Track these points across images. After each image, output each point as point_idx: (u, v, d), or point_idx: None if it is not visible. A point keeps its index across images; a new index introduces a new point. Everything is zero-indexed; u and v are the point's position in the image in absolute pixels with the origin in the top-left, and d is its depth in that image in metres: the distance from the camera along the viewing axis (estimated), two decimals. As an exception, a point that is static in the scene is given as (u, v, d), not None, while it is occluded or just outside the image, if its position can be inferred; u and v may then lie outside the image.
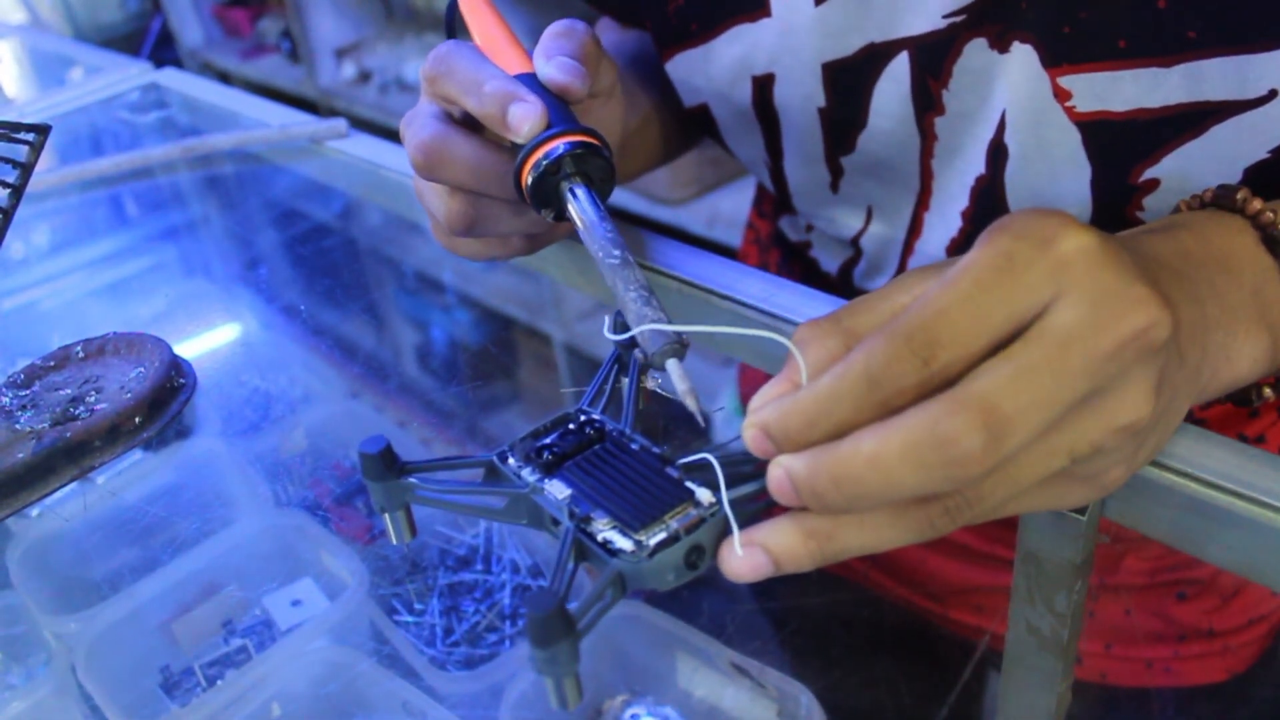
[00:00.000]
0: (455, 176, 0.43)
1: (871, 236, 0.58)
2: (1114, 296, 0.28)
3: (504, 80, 0.42)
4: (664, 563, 0.31)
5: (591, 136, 0.41)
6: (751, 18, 0.51)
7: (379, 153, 0.74)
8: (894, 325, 0.28)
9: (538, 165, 0.40)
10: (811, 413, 0.29)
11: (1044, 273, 0.28)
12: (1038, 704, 0.45)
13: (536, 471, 0.35)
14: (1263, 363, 0.37)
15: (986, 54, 0.46)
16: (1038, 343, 0.27)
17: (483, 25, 0.48)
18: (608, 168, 0.42)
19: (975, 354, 0.28)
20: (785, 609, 0.72)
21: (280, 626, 0.63)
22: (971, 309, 0.27)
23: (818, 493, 0.28)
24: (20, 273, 0.81)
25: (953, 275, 0.28)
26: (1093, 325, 0.27)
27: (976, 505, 0.29)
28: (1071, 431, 0.28)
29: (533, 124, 0.40)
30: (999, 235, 0.29)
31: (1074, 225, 0.29)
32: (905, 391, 0.28)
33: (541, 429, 0.37)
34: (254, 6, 3.17)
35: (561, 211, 0.41)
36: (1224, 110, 0.41)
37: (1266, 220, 0.38)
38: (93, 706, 0.55)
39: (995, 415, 0.26)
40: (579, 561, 0.32)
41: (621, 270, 0.37)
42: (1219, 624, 0.66)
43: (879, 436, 0.27)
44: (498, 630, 0.67)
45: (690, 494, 0.32)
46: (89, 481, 0.52)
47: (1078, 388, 0.27)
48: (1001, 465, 0.28)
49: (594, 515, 0.33)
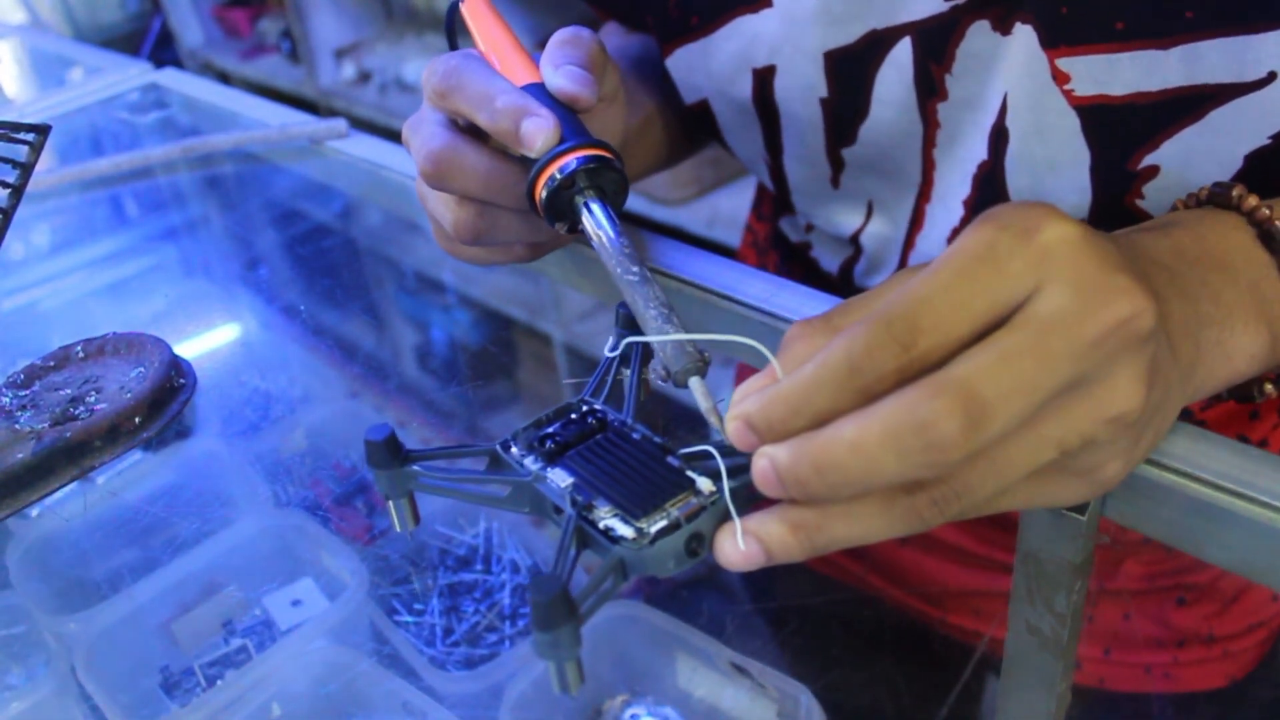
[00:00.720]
0: (465, 186, 0.43)
1: (871, 234, 0.58)
2: (1097, 285, 0.28)
3: (515, 94, 0.42)
4: (665, 550, 0.31)
5: (604, 150, 0.41)
6: (753, 8, 0.51)
7: (379, 153, 0.74)
8: (875, 312, 0.28)
9: (551, 180, 0.40)
10: (793, 401, 0.29)
11: (1027, 262, 0.28)
12: (1037, 705, 0.45)
13: (539, 460, 0.35)
14: (1261, 358, 0.37)
15: (989, 36, 0.46)
16: (1020, 330, 0.27)
17: (487, 31, 0.48)
18: (621, 180, 0.42)
19: (956, 341, 0.28)
20: (785, 609, 0.72)
21: (280, 626, 0.63)
22: (953, 296, 0.28)
23: (800, 480, 0.28)
24: (20, 273, 0.81)
25: (935, 265, 0.28)
26: (1076, 313, 0.27)
27: (965, 496, 0.29)
28: (1059, 422, 0.28)
29: (546, 138, 0.40)
30: (983, 226, 0.29)
31: (1057, 216, 0.29)
32: (885, 378, 0.28)
33: (544, 419, 0.37)
34: (254, 7, 3.17)
35: (575, 224, 0.41)
36: (1223, 94, 0.41)
37: (1262, 216, 0.38)
38: (92, 706, 0.55)
39: (975, 400, 0.26)
40: (581, 549, 0.33)
41: (641, 287, 0.37)
42: (1218, 629, 0.66)
43: (859, 422, 0.27)
44: (497, 630, 0.67)
45: (691, 483, 0.33)
46: (89, 481, 0.52)
47: (1060, 375, 0.27)
48: (985, 453, 0.28)
49: (596, 503, 0.33)
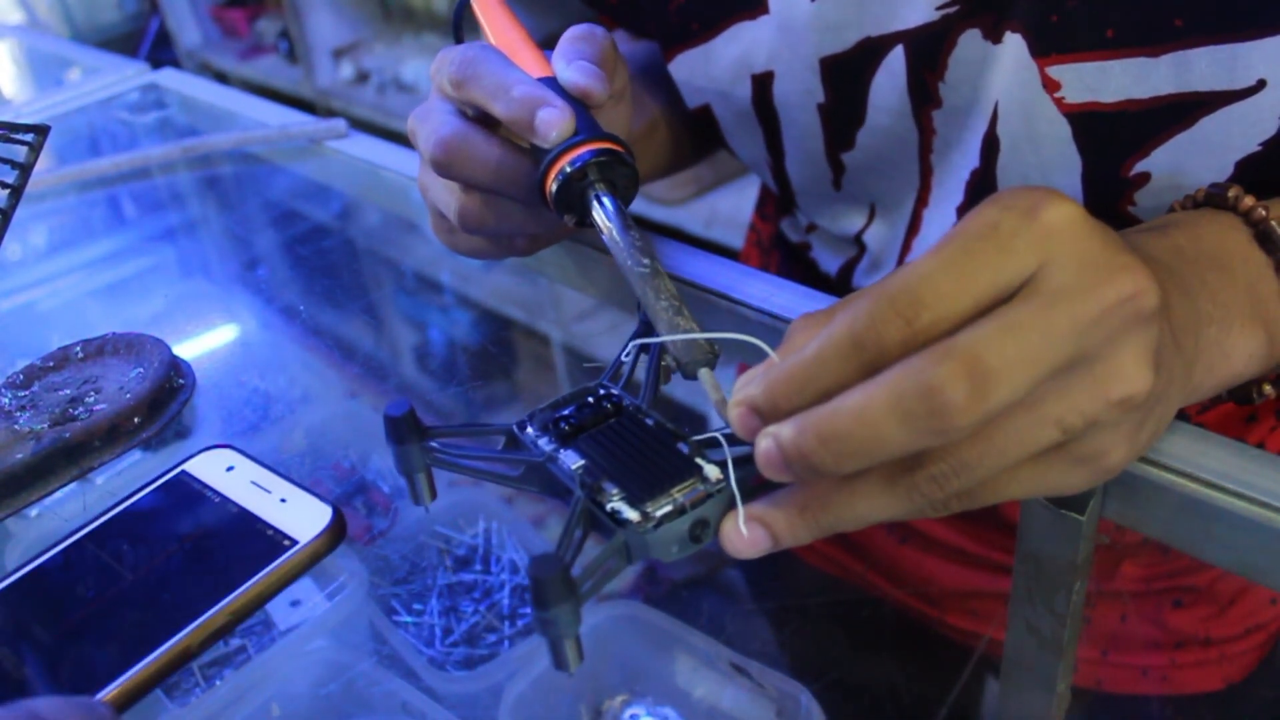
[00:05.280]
0: (473, 174, 0.43)
1: (874, 234, 0.59)
2: (1100, 262, 0.28)
3: (532, 85, 0.42)
4: (668, 534, 0.32)
5: (616, 144, 0.41)
6: (751, 15, 0.51)
7: (378, 153, 0.74)
8: (878, 287, 0.28)
9: (563, 172, 0.41)
10: (797, 379, 0.29)
11: (1030, 240, 0.28)
12: (1037, 704, 0.45)
13: (553, 441, 0.36)
14: (1258, 358, 0.37)
15: (980, 45, 0.46)
16: (1025, 303, 0.27)
17: (498, 26, 0.48)
18: (631, 175, 0.42)
19: (959, 316, 0.28)
20: (785, 609, 0.72)
21: (279, 627, 0.63)
22: (956, 272, 0.28)
23: (805, 454, 0.28)
24: (19, 273, 0.81)
25: (939, 243, 0.28)
26: (1079, 288, 0.27)
27: (964, 473, 0.28)
28: (1061, 400, 0.28)
29: (561, 129, 0.40)
30: (986, 207, 0.29)
31: (1059, 197, 0.29)
32: (889, 352, 0.28)
33: (561, 401, 0.38)
34: (252, 7, 3.17)
35: (584, 217, 0.42)
36: (1213, 101, 0.41)
37: (1259, 217, 0.38)
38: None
39: (980, 366, 0.26)
40: (587, 531, 0.33)
41: (651, 280, 0.37)
42: (1216, 632, 0.66)
43: (865, 391, 0.27)
44: (497, 630, 0.67)
45: (698, 470, 0.33)
46: (88, 482, 0.52)
47: (1065, 348, 0.27)
48: (986, 430, 0.28)
49: (604, 486, 0.33)
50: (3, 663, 0.40)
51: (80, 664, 0.40)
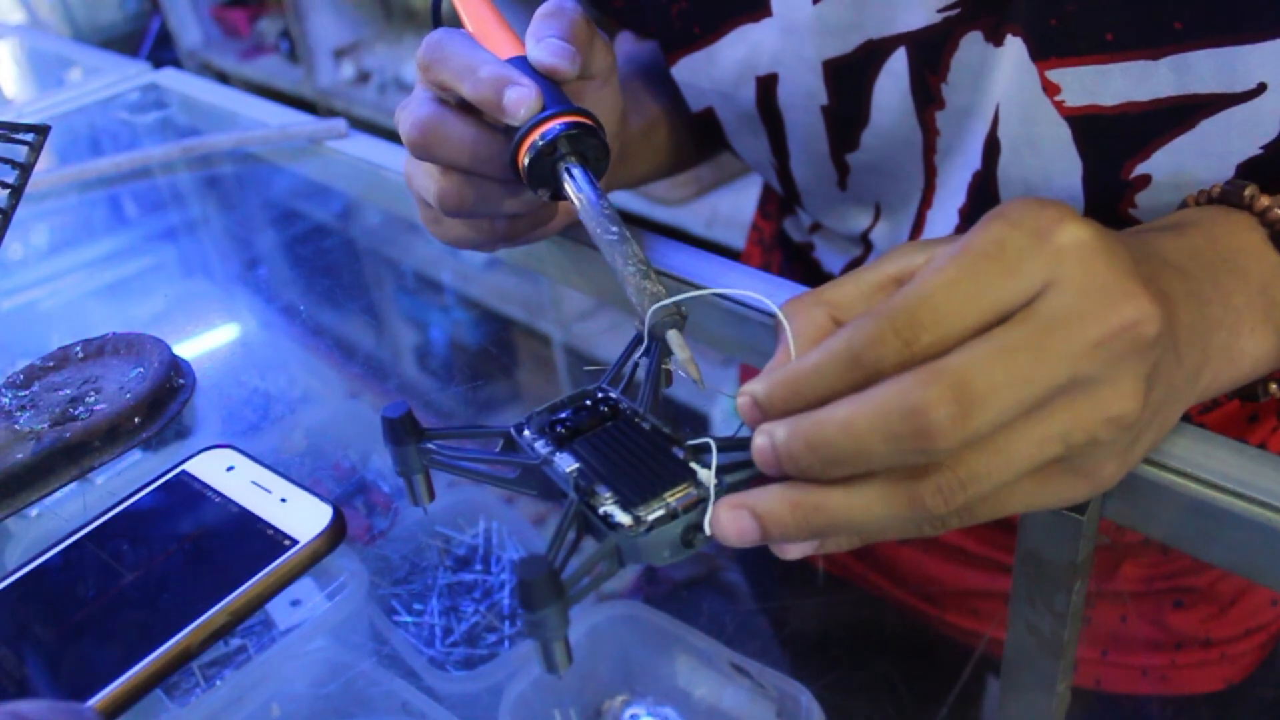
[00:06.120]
0: (449, 155, 0.43)
1: (880, 233, 0.59)
2: (1105, 288, 0.28)
3: (498, 65, 0.42)
4: (660, 539, 0.32)
5: (585, 117, 0.42)
6: (753, 18, 0.51)
7: (378, 153, 0.74)
8: (881, 307, 0.29)
9: (534, 146, 0.41)
10: (796, 384, 0.30)
11: (1037, 263, 0.28)
12: (1037, 704, 0.45)
13: (549, 444, 0.36)
14: (1266, 361, 0.37)
15: (982, 47, 0.46)
16: (1021, 326, 0.28)
17: (473, 9, 0.48)
18: (602, 147, 0.42)
19: (958, 337, 0.28)
20: (785, 609, 0.72)
21: (279, 627, 0.63)
22: (958, 294, 0.28)
23: (793, 454, 0.29)
24: (20, 273, 0.81)
25: (943, 259, 0.29)
26: (1080, 314, 0.28)
27: (970, 486, 0.29)
28: (1064, 418, 0.28)
29: (529, 107, 0.41)
30: (995, 222, 0.29)
31: (1072, 217, 0.29)
32: (886, 371, 0.28)
33: (559, 403, 0.38)
34: (252, 7, 3.17)
35: (557, 191, 0.42)
36: (1213, 104, 0.41)
37: (1274, 217, 0.38)
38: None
39: (966, 390, 0.27)
40: (581, 534, 0.33)
41: (620, 246, 0.38)
42: (1216, 633, 0.66)
43: (853, 404, 0.28)
44: (497, 630, 0.67)
45: (692, 474, 0.33)
46: (88, 482, 0.52)
47: (1057, 373, 0.27)
48: (990, 443, 0.28)
49: (598, 489, 0.34)
50: (3, 663, 0.40)
51: (80, 664, 0.40)
